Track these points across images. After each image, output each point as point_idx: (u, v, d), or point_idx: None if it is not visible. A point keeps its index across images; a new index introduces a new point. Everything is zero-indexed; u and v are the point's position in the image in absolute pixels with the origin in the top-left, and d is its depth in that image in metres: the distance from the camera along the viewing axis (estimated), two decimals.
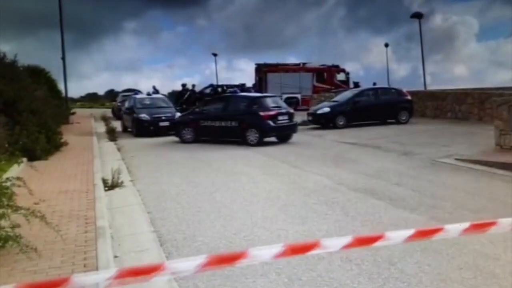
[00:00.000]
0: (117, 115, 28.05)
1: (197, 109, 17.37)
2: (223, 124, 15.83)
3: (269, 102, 16.25)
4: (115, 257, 5.06)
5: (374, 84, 28.51)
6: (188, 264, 1.96)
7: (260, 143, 15.03)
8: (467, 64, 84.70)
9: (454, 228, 2.43)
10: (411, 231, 2.32)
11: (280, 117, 15.67)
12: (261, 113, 15.32)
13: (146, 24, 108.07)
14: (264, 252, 2.09)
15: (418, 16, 33.85)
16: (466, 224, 2.44)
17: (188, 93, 28.60)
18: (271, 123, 15.37)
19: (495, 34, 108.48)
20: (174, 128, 17.42)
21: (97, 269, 4.41)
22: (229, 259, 2.06)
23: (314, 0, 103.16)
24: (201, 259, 1.96)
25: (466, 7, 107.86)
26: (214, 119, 16.07)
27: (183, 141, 16.38)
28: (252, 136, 15.21)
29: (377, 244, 2.23)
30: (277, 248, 2.07)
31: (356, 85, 31.32)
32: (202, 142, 15.87)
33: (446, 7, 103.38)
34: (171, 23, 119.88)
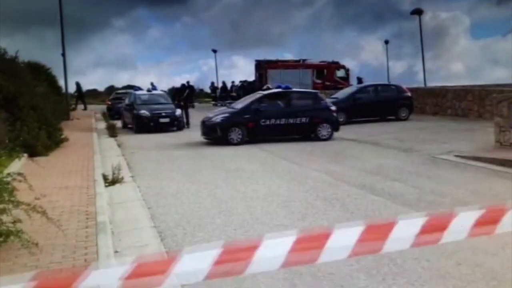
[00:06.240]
0: (109, 114, 25.85)
1: (253, 107, 15.10)
2: (290, 121, 14.89)
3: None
4: (116, 252, 5.09)
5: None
6: None
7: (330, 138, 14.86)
8: (463, 62, 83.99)
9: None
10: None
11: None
12: (332, 108, 15.43)
13: (135, 21, 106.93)
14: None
15: (418, 12, 33.75)
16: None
17: (187, 90, 28.47)
18: (337, 117, 15.55)
19: (491, 32, 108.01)
20: (221, 130, 14.56)
21: (97, 263, 4.43)
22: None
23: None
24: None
25: (457, 4, 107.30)
26: (278, 117, 14.85)
27: (231, 143, 14.21)
28: (325, 131, 14.98)
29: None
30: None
31: (360, 80, 31.28)
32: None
33: (436, 4, 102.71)
34: (161, 20, 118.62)
